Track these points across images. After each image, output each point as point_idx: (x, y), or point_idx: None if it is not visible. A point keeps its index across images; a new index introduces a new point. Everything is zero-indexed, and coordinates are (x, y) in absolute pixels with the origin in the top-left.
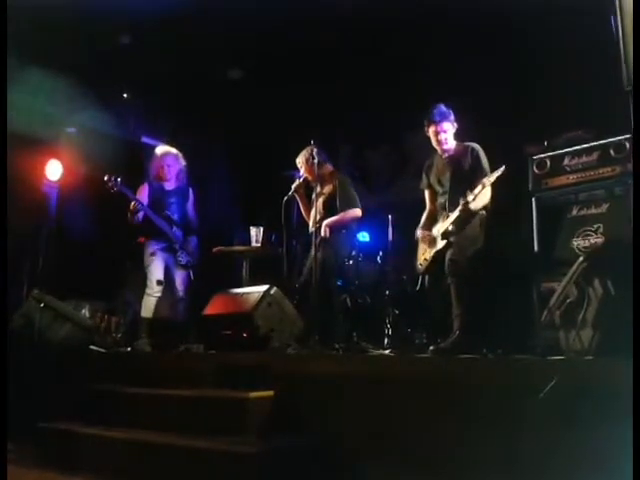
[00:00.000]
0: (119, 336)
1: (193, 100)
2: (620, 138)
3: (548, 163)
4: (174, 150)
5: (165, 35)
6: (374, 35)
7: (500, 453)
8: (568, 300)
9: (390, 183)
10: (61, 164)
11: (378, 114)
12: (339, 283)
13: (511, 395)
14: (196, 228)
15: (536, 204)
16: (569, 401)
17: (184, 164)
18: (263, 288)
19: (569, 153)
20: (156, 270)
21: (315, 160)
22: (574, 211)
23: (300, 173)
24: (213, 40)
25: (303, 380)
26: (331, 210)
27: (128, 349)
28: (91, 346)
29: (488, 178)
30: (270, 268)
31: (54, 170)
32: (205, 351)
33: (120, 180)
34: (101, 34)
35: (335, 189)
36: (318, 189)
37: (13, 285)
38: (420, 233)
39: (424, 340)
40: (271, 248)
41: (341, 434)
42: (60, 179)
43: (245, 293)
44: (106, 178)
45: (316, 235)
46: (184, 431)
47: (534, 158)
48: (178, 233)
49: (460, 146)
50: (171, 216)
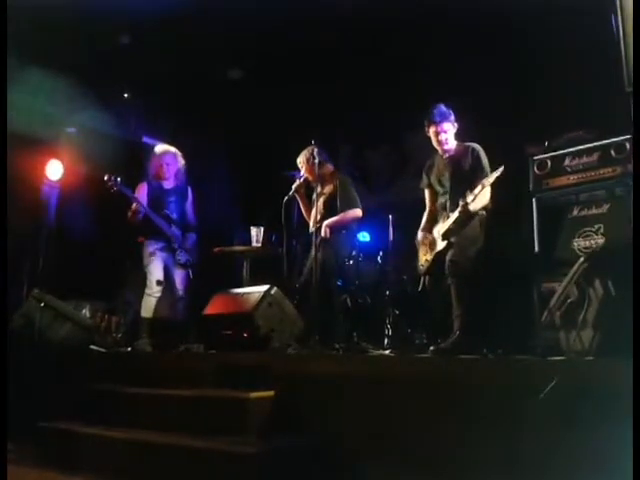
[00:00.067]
0: (119, 336)
1: (193, 100)
2: (621, 138)
3: (549, 163)
4: (173, 149)
5: (165, 35)
6: (374, 35)
7: (500, 453)
8: (569, 300)
9: (390, 183)
10: (61, 164)
11: (378, 114)
12: (339, 283)
13: (511, 395)
14: (195, 227)
15: (537, 204)
16: (569, 401)
17: (183, 163)
18: (263, 288)
19: (570, 153)
20: (155, 270)
21: (316, 160)
22: (575, 211)
23: (301, 173)
24: (213, 40)
25: (303, 380)
26: (331, 210)
27: (128, 349)
28: (91, 346)
29: (487, 179)
30: (270, 268)
31: (54, 170)
32: (205, 351)
33: (120, 180)
34: (101, 34)
35: (336, 189)
36: (319, 189)
37: (13, 285)
38: (421, 235)
39: (424, 340)
40: (271, 248)
41: (341, 434)
42: (61, 179)
43: (245, 293)
44: (106, 178)
45: (316, 235)
46: (184, 431)
47: (535, 158)
48: (177, 232)
49: (461, 146)
50: (170, 215)
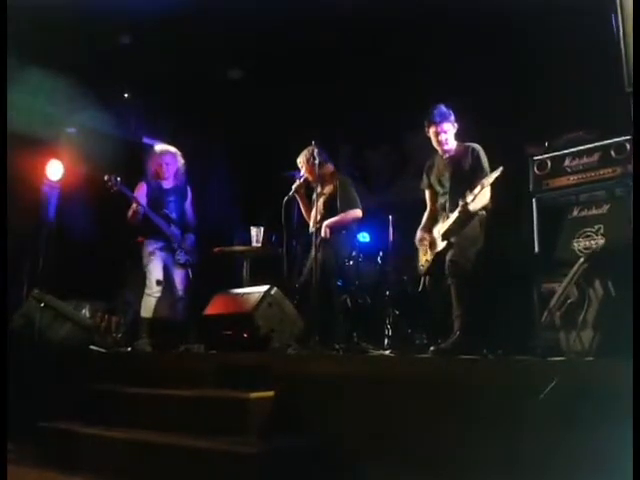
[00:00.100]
0: (119, 336)
1: (193, 100)
2: (621, 139)
3: (549, 164)
4: (172, 148)
5: (165, 35)
6: (374, 35)
7: (500, 454)
8: (569, 301)
9: (390, 183)
10: (61, 164)
11: (378, 114)
12: (339, 283)
13: (511, 396)
14: (194, 227)
15: (537, 205)
16: (569, 402)
17: (182, 163)
18: (263, 288)
19: (570, 154)
20: (155, 270)
21: (316, 160)
22: (575, 212)
23: (301, 173)
24: (213, 40)
25: (303, 380)
26: (332, 210)
27: (128, 349)
28: (91, 346)
29: (487, 179)
30: (270, 268)
31: (55, 170)
32: (205, 351)
33: (120, 180)
34: (101, 34)
35: (336, 189)
36: (319, 189)
37: (13, 285)
38: (421, 235)
39: (424, 340)
40: (271, 248)
41: (341, 434)
42: (61, 179)
43: (245, 293)
44: (106, 178)
45: (316, 235)
46: (184, 431)
47: (535, 159)
48: (176, 232)
49: (461, 146)
50: (169, 215)
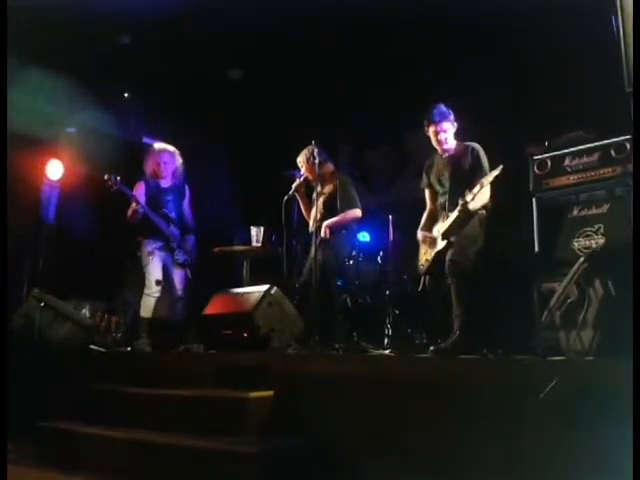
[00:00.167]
0: (119, 336)
1: (193, 100)
2: (621, 139)
3: (549, 163)
4: (170, 147)
5: (165, 35)
6: (374, 35)
7: (500, 453)
8: (569, 300)
9: (390, 183)
10: (61, 164)
11: (378, 114)
12: (339, 283)
13: (511, 395)
14: (193, 226)
15: (537, 204)
16: (569, 401)
17: (181, 162)
18: (263, 288)
19: (570, 153)
20: (154, 270)
21: (316, 160)
22: (575, 211)
23: (301, 172)
24: (213, 40)
25: (303, 380)
26: (331, 210)
27: (128, 349)
28: (91, 346)
29: (486, 178)
30: (270, 268)
31: (55, 170)
32: (205, 351)
33: (119, 179)
34: (101, 34)
35: (336, 189)
36: (319, 189)
37: (13, 285)
38: (421, 234)
39: (424, 340)
40: (271, 248)
41: (341, 434)
42: (61, 179)
43: (245, 293)
44: (106, 177)
45: (316, 235)
46: (184, 431)
47: (535, 158)
48: (175, 231)
49: (460, 146)
50: (168, 214)
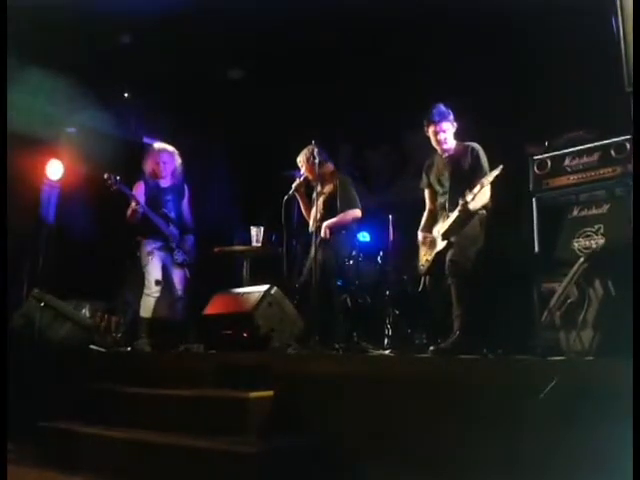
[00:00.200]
0: (119, 336)
1: (193, 100)
2: (621, 138)
3: (549, 163)
4: (170, 147)
5: (165, 35)
6: (374, 35)
7: (500, 453)
8: (569, 301)
9: (390, 183)
10: (61, 164)
11: (378, 114)
12: (339, 283)
13: (511, 395)
14: (192, 226)
15: (537, 204)
16: (569, 401)
17: (180, 162)
18: (263, 288)
19: (570, 153)
20: (154, 270)
21: (316, 160)
22: (575, 212)
23: (301, 172)
24: (213, 40)
25: (303, 380)
26: (331, 209)
27: (128, 349)
28: (91, 346)
29: (486, 178)
30: (270, 268)
31: (55, 170)
32: (205, 351)
33: (119, 179)
34: (101, 34)
35: (336, 189)
36: (319, 188)
37: (13, 285)
38: (421, 235)
39: (424, 340)
40: (271, 248)
41: (341, 434)
42: (61, 179)
43: (245, 293)
44: (105, 176)
45: (316, 235)
46: (184, 431)
47: (535, 158)
48: (174, 231)
49: (460, 146)
50: (168, 214)
